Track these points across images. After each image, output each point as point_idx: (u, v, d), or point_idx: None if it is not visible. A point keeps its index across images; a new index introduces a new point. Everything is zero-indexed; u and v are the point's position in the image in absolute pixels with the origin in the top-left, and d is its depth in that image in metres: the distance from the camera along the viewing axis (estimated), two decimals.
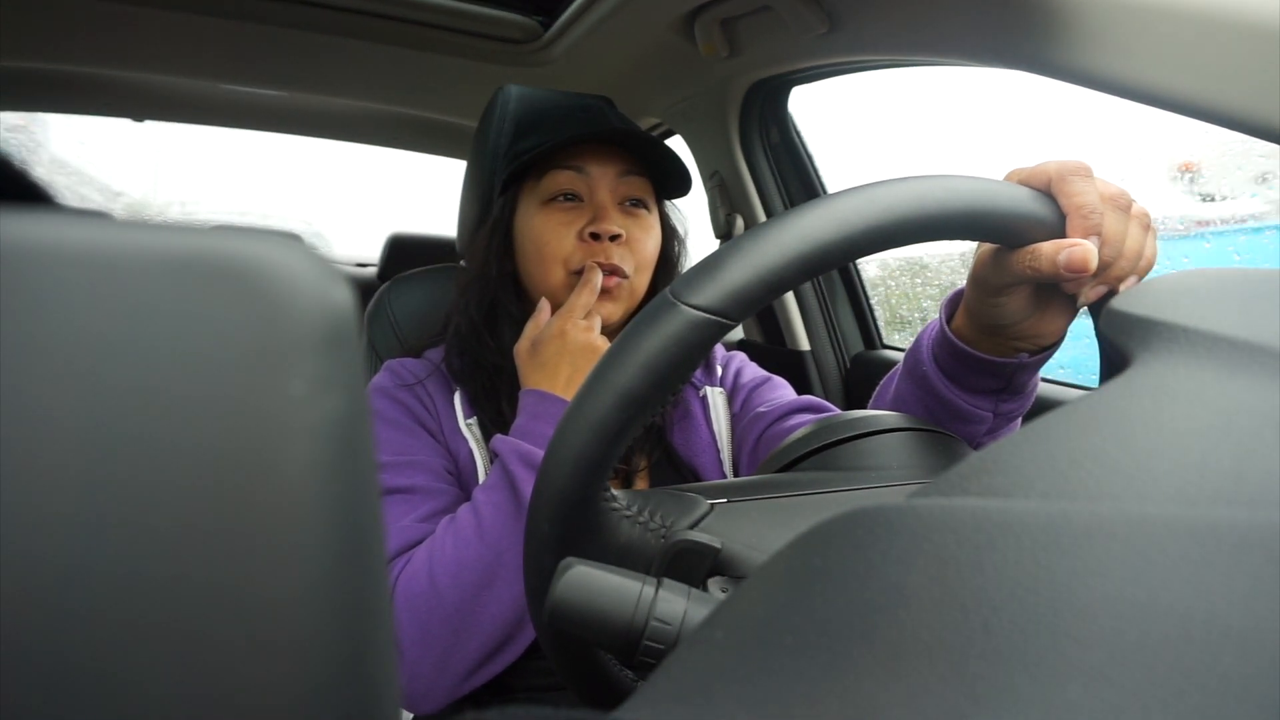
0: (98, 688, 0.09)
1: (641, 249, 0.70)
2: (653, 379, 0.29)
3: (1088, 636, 0.12)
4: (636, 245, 0.69)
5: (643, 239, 0.70)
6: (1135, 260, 0.40)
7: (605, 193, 0.69)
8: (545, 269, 0.68)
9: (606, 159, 0.69)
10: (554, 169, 0.68)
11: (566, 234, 0.67)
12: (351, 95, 1.46)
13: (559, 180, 0.68)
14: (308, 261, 0.11)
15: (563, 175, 0.68)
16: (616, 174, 0.69)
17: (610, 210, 0.68)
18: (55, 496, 0.09)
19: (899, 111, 1.32)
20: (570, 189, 0.69)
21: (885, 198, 0.32)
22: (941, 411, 0.50)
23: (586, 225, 0.67)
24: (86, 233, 0.10)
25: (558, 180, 0.68)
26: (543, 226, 0.68)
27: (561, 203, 0.69)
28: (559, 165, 0.68)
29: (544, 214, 0.69)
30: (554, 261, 0.68)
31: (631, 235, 0.69)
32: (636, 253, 0.69)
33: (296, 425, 0.10)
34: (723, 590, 0.32)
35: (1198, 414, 0.19)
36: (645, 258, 0.70)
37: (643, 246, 0.70)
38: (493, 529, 0.54)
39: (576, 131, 0.67)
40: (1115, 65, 0.56)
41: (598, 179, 0.68)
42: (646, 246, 0.70)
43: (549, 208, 0.69)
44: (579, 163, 0.68)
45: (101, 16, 1.09)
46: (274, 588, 0.10)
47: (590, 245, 0.67)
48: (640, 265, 0.70)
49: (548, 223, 0.68)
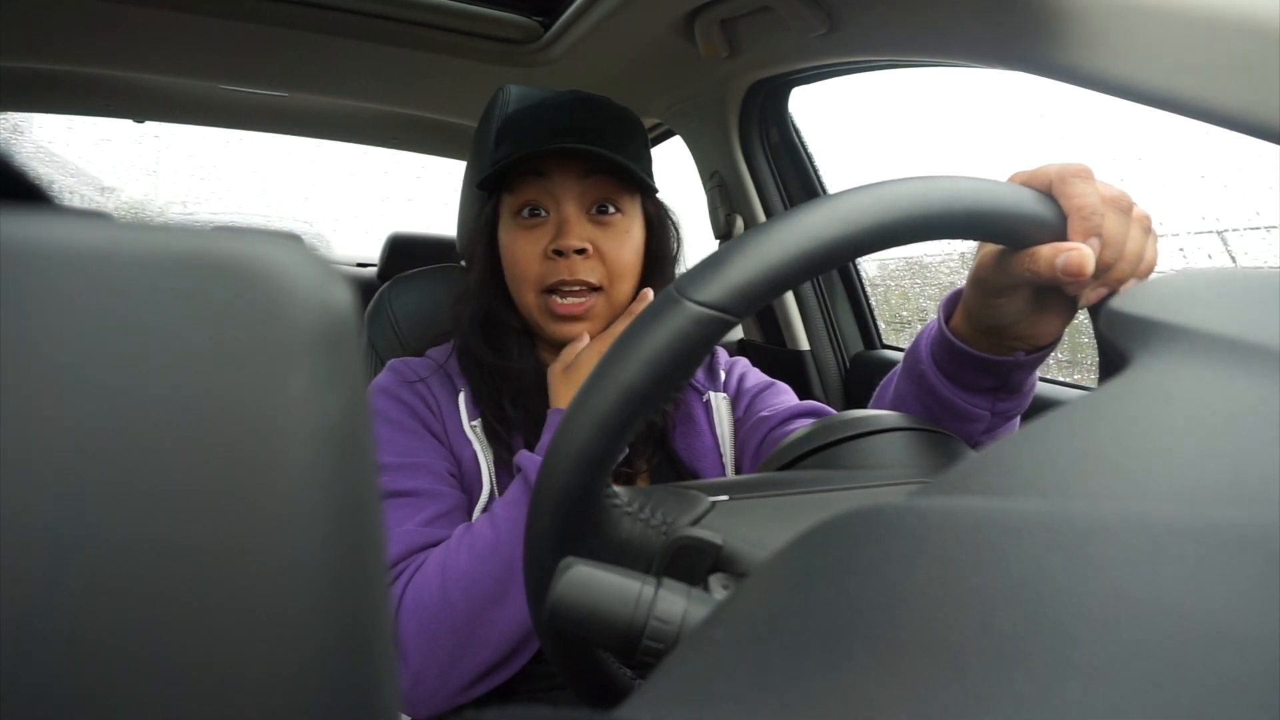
0: (96, 686, 0.09)
1: (614, 259, 0.68)
2: (656, 375, 0.29)
3: (1088, 636, 0.12)
4: (608, 256, 0.67)
5: (614, 248, 0.68)
6: (1136, 263, 0.40)
7: (570, 203, 0.67)
8: (518, 289, 0.69)
9: (568, 161, 0.67)
10: (521, 175, 0.68)
11: (533, 253, 0.67)
12: (351, 95, 1.47)
13: (525, 191, 0.68)
14: (308, 261, 0.11)
15: (528, 184, 0.68)
16: (580, 175, 0.67)
17: (574, 223, 0.67)
18: (54, 498, 0.09)
19: (899, 111, 1.32)
20: (535, 200, 0.68)
21: (889, 196, 0.32)
22: (940, 410, 0.50)
23: (550, 243, 0.66)
24: (86, 233, 0.10)
25: (524, 192, 0.68)
26: (512, 245, 0.68)
27: (527, 218, 0.68)
28: (525, 170, 0.68)
29: (514, 230, 0.69)
30: (525, 283, 0.68)
31: (601, 246, 0.67)
32: (609, 263, 0.67)
33: (296, 425, 0.10)
34: (724, 587, 0.32)
35: (1197, 414, 0.19)
36: (620, 267, 0.68)
37: (615, 256, 0.68)
38: (510, 543, 0.54)
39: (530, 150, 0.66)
40: (1115, 65, 0.56)
41: (560, 184, 0.67)
42: (621, 255, 0.68)
43: (517, 223, 0.68)
44: (542, 165, 0.67)
45: (101, 16, 1.09)
46: (273, 585, 0.10)
47: (556, 262, 0.66)
48: (615, 275, 0.68)
49: (516, 241, 0.68)
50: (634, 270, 0.70)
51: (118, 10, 1.07)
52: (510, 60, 1.25)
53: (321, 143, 1.86)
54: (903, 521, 0.17)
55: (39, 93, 1.42)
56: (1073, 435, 0.20)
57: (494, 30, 1.17)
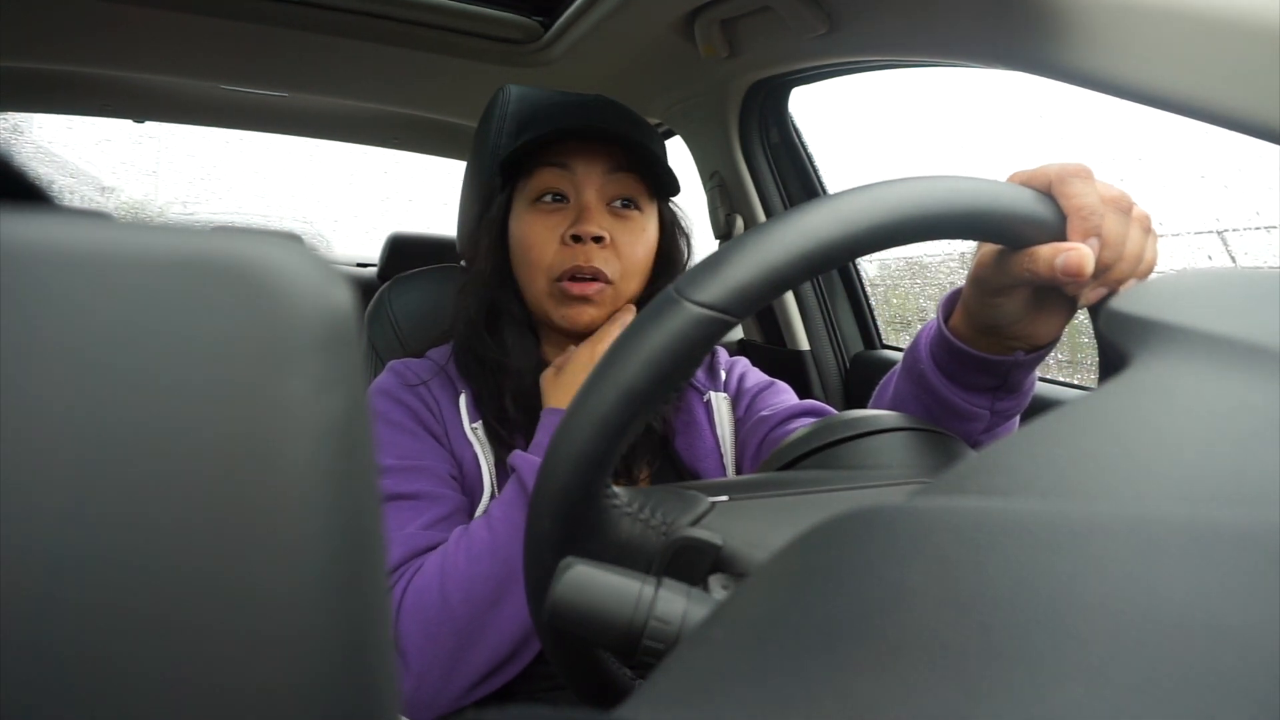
0: (95, 684, 0.09)
1: (629, 253, 0.68)
2: (655, 375, 0.29)
3: (1088, 636, 0.12)
4: (623, 249, 0.67)
5: (630, 243, 0.68)
6: (1136, 263, 0.40)
7: (591, 192, 0.67)
8: (530, 275, 0.68)
9: (593, 156, 0.68)
10: (541, 165, 0.68)
11: (550, 238, 0.67)
12: (351, 95, 1.47)
13: (545, 178, 0.68)
14: (308, 261, 0.11)
15: (549, 173, 0.68)
16: (603, 171, 0.68)
17: (595, 211, 0.67)
18: (54, 498, 0.09)
19: (899, 111, 1.32)
20: (556, 187, 0.68)
21: (888, 196, 0.32)
22: (939, 410, 0.50)
23: (568, 228, 0.66)
24: (87, 233, 0.10)
25: (544, 178, 0.68)
26: (528, 229, 0.68)
27: (547, 203, 0.68)
28: (546, 162, 0.68)
29: (530, 215, 0.68)
30: (537, 269, 0.67)
31: (617, 239, 0.67)
32: (623, 257, 0.67)
33: (296, 425, 0.10)
34: (724, 587, 0.32)
35: (1197, 414, 0.19)
36: (633, 263, 0.68)
37: (630, 251, 0.68)
38: (506, 544, 0.54)
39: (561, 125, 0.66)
40: (1115, 65, 0.56)
41: (583, 177, 0.67)
42: (635, 251, 0.68)
43: (535, 209, 0.68)
44: (565, 159, 0.67)
45: (102, 17, 1.09)
46: (273, 587, 0.10)
47: (572, 249, 0.66)
48: (627, 270, 0.68)
49: (533, 226, 0.68)
50: (645, 269, 0.71)
51: (118, 10, 1.07)
52: (510, 60, 1.25)
53: (321, 143, 1.86)
54: (902, 521, 0.17)
55: (39, 93, 1.43)
56: (1072, 435, 0.20)
57: (494, 30, 1.17)
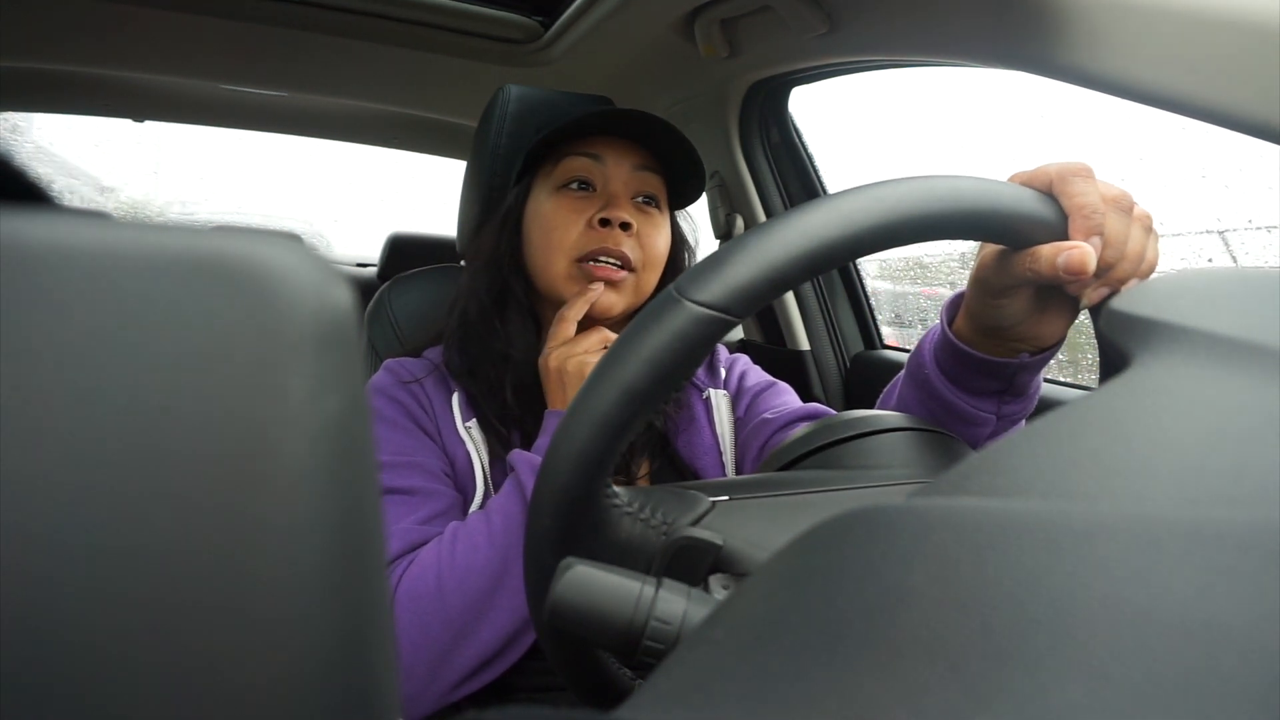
0: (94, 684, 0.09)
1: (651, 245, 0.69)
2: (656, 374, 0.29)
3: (1088, 636, 0.12)
4: (646, 240, 0.69)
5: (653, 235, 0.69)
6: (1137, 262, 0.40)
7: (619, 183, 0.69)
8: (549, 256, 0.68)
9: (623, 150, 0.69)
10: (570, 155, 0.68)
11: (576, 221, 0.67)
12: (351, 95, 1.47)
13: (574, 166, 0.68)
14: (308, 261, 0.11)
15: (579, 161, 0.68)
16: (632, 166, 0.69)
17: (623, 200, 0.68)
18: (53, 497, 0.09)
19: (899, 111, 1.32)
20: (585, 175, 0.68)
21: (889, 197, 0.32)
22: (945, 414, 0.50)
23: (597, 212, 0.66)
24: (86, 233, 0.10)
25: (573, 166, 0.68)
26: (553, 212, 0.68)
27: (575, 190, 0.68)
28: (576, 151, 0.68)
29: (556, 200, 0.68)
30: (559, 250, 0.67)
31: (642, 229, 0.68)
32: (646, 248, 0.69)
33: (296, 425, 0.10)
34: (724, 587, 0.32)
35: (1198, 414, 0.19)
36: (654, 255, 0.70)
37: (653, 243, 0.69)
38: (503, 538, 0.54)
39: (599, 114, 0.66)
40: (1115, 65, 0.56)
41: (613, 168, 0.68)
42: (656, 243, 0.70)
43: (561, 194, 0.68)
44: (597, 149, 0.68)
45: (101, 16, 1.09)
46: (273, 587, 0.10)
47: (599, 232, 0.66)
48: (648, 262, 0.69)
49: (559, 209, 0.68)
50: (663, 264, 0.72)
51: (118, 10, 1.07)
52: (510, 60, 1.25)
53: (321, 143, 1.86)
54: (903, 521, 0.17)
55: (39, 93, 1.42)
56: (1073, 435, 0.19)
57: (494, 30, 1.17)
